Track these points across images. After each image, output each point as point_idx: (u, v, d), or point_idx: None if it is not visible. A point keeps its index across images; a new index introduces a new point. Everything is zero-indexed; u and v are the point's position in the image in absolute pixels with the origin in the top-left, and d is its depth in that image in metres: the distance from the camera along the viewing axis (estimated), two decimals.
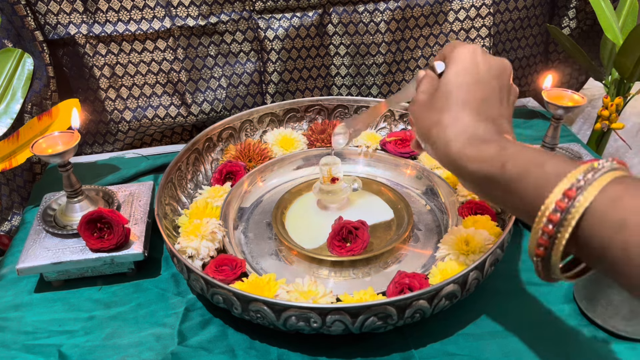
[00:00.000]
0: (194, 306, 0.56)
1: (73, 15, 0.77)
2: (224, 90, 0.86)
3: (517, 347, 0.50)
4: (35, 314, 0.56)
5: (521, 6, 0.87)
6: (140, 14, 0.78)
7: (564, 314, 0.53)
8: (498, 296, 0.55)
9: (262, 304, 0.47)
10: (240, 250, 0.61)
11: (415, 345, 0.50)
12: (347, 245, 0.58)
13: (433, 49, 0.87)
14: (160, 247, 0.64)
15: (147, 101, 0.84)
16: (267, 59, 0.84)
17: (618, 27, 0.78)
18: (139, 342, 0.52)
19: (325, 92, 0.90)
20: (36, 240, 0.59)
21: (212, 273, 0.53)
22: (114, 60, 0.80)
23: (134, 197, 0.66)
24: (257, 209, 0.68)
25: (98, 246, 0.57)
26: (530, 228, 0.34)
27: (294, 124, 0.80)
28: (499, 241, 0.52)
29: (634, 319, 0.49)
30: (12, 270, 0.62)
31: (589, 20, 0.90)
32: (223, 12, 0.81)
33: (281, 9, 0.81)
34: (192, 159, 0.71)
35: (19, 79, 0.75)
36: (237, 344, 0.51)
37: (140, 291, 0.58)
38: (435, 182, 0.68)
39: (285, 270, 0.58)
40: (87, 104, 0.83)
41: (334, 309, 0.46)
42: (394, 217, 0.64)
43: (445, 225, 0.63)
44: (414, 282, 0.51)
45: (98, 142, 0.87)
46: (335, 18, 0.83)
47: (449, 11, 0.85)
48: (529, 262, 0.60)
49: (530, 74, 0.95)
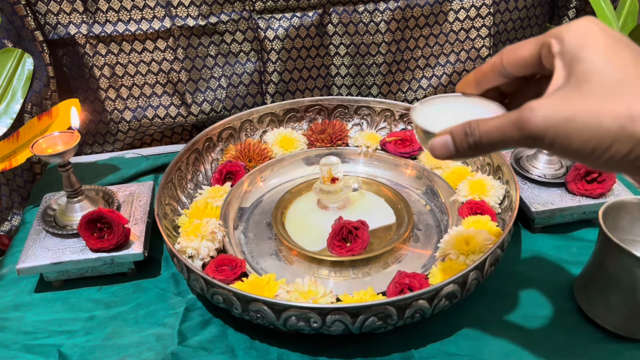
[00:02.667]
0: (194, 306, 0.56)
1: (73, 15, 0.77)
2: (224, 90, 0.86)
3: (517, 347, 0.50)
4: (35, 314, 0.56)
5: (521, 6, 0.87)
6: (140, 14, 0.78)
7: (564, 314, 0.53)
8: (498, 296, 0.55)
9: (262, 304, 0.47)
10: (240, 250, 0.61)
11: (415, 345, 0.50)
12: (347, 245, 0.58)
13: (433, 49, 0.87)
14: (160, 247, 0.64)
15: (147, 101, 0.84)
16: (267, 59, 0.84)
17: (618, 27, 0.78)
18: (139, 342, 0.52)
19: (325, 92, 0.90)
20: (36, 240, 0.59)
21: (212, 273, 0.53)
22: (114, 60, 0.80)
23: (134, 197, 0.66)
24: (257, 209, 0.68)
25: (98, 246, 0.57)
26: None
27: (294, 124, 0.80)
28: (499, 241, 0.52)
29: (634, 318, 0.49)
30: (12, 270, 0.62)
31: None
32: (223, 12, 0.81)
33: (281, 9, 0.81)
34: (192, 159, 0.71)
35: (19, 79, 0.75)
36: (237, 344, 0.52)
37: (140, 291, 0.58)
38: (436, 182, 0.68)
39: (285, 270, 0.58)
40: (87, 104, 0.83)
41: (334, 309, 0.46)
42: (393, 217, 0.64)
43: (445, 225, 0.63)
44: (414, 282, 0.51)
45: (98, 142, 0.87)
46: (335, 18, 0.83)
47: (449, 11, 0.85)
48: (529, 262, 0.60)
49: None
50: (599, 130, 0.29)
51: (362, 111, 0.79)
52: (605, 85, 0.30)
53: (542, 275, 0.58)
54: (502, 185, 0.64)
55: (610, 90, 0.29)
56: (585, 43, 0.31)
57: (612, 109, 0.29)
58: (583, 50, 0.31)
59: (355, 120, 0.80)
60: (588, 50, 0.31)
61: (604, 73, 0.30)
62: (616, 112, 0.29)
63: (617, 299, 0.49)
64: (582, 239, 0.62)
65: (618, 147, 0.29)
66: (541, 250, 0.61)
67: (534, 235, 0.63)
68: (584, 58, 0.31)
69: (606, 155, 0.30)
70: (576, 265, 0.58)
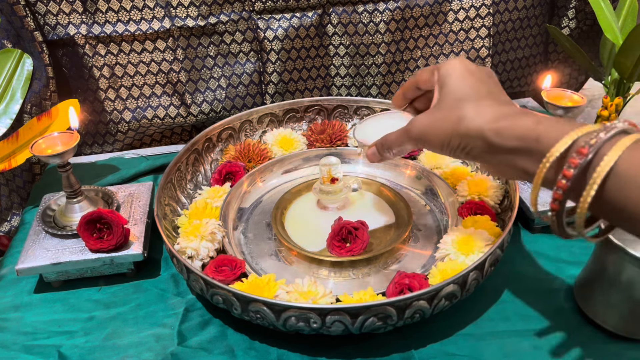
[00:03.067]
0: (194, 307, 0.56)
1: (72, 16, 0.77)
2: (224, 91, 0.86)
3: (517, 347, 0.50)
4: (34, 315, 0.56)
5: (521, 6, 0.87)
6: (139, 15, 0.78)
7: (564, 314, 0.53)
8: (498, 296, 0.55)
9: (262, 305, 0.47)
10: (240, 250, 0.61)
11: (415, 345, 0.50)
12: (346, 246, 0.57)
13: (432, 49, 0.87)
14: (160, 247, 0.64)
15: (147, 102, 0.84)
16: (267, 59, 0.84)
17: (618, 27, 0.78)
18: (139, 343, 0.52)
19: (325, 93, 0.90)
20: (35, 240, 0.59)
21: (211, 273, 0.53)
22: (113, 61, 0.80)
23: (134, 197, 0.66)
24: (256, 209, 0.68)
25: (97, 247, 0.56)
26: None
27: (294, 124, 0.80)
28: (498, 241, 0.52)
29: (634, 319, 0.49)
30: (11, 271, 0.62)
31: (588, 20, 0.90)
32: (222, 13, 0.81)
33: (281, 9, 0.81)
34: (191, 159, 0.71)
35: (18, 80, 0.75)
36: (237, 345, 0.51)
37: (139, 292, 0.58)
38: (435, 182, 0.68)
39: (285, 271, 0.58)
40: (86, 104, 0.83)
41: (333, 310, 0.46)
42: (393, 217, 0.64)
43: (445, 226, 0.63)
44: (414, 282, 0.51)
45: (97, 142, 0.87)
46: (335, 18, 0.83)
47: (448, 11, 0.85)
48: (529, 262, 0.60)
49: (529, 74, 0.95)
50: (442, 131, 0.43)
51: (361, 111, 0.80)
52: (453, 100, 0.43)
53: (542, 275, 0.58)
54: (502, 185, 0.64)
55: (456, 103, 0.43)
56: (449, 74, 0.45)
57: (450, 116, 0.43)
58: (447, 78, 0.45)
59: (355, 120, 0.80)
60: (450, 78, 0.45)
61: (456, 92, 0.44)
62: (451, 118, 0.42)
63: (617, 299, 0.49)
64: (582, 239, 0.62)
65: (454, 142, 0.43)
66: (541, 250, 0.61)
67: (534, 235, 0.63)
68: (447, 83, 0.45)
69: (450, 148, 0.43)
70: (576, 265, 0.58)
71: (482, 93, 0.43)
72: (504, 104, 0.42)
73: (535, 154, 0.37)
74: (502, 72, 0.93)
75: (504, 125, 0.39)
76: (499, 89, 0.45)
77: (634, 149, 0.32)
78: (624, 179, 0.32)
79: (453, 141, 0.43)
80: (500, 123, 0.40)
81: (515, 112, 0.40)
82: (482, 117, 0.41)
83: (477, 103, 0.42)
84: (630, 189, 0.32)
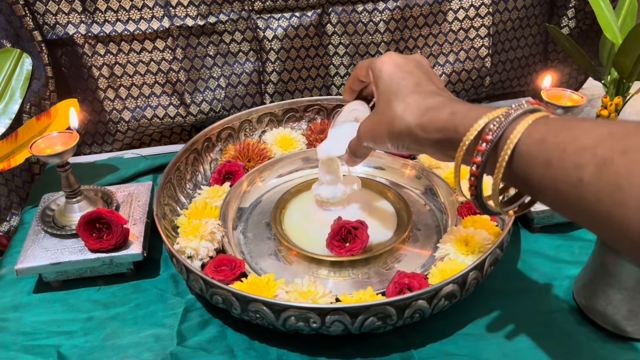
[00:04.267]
0: (193, 306, 0.56)
1: (71, 15, 0.77)
2: (223, 91, 0.86)
3: (517, 347, 0.50)
4: (34, 315, 0.56)
5: (520, 6, 0.87)
6: (138, 14, 0.78)
7: (564, 314, 0.53)
8: (498, 296, 0.55)
9: (262, 305, 0.47)
10: (240, 250, 0.61)
11: (414, 345, 0.50)
12: (346, 246, 0.57)
13: (432, 49, 0.87)
14: (159, 247, 0.64)
15: (146, 101, 0.84)
16: (266, 59, 0.84)
17: (617, 26, 0.78)
18: (138, 343, 0.52)
19: (325, 92, 0.90)
20: (35, 240, 0.59)
21: (211, 273, 0.53)
22: (112, 61, 0.80)
23: (133, 197, 0.66)
24: (256, 209, 0.68)
25: (97, 246, 0.56)
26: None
27: (293, 124, 0.80)
28: (498, 241, 0.52)
29: (634, 318, 0.49)
30: (10, 271, 0.61)
31: (588, 20, 0.90)
32: (222, 12, 0.81)
33: (280, 8, 0.81)
34: (191, 159, 0.71)
35: (17, 79, 0.75)
36: (237, 345, 0.51)
37: (139, 292, 0.58)
38: (435, 182, 0.68)
39: (285, 271, 0.58)
40: (85, 104, 0.83)
41: (333, 309, 0.46)
42: (393, 217, 0.63)
43: (445, 226, 0.63)
44: (414, 282, 0.51)
45: (97, 142, 0.87)
46: (335, 18, 0.83)
47: (448, 11, 0.85)
48: (529, 262, 0.60)
49: (529, 74, 0.95)
50: (382, 134, 0.46)
51: None
52: (385, 101, 0.46)
53: (542, 275, 0.58)
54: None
55: (387, 104, 0.45)
56: (380, 72, 0.47)
57: (384, 119, 0.45)
58: (379, 79, 0.47)
59: None
60: (381, 78, 0.47)
61: (386, 91, 0.46)
62: (385, 120, 0.45)
63: (617, 299, 0.49)
64: (581, 238, 0.62)
65: (394, 142, 0.45)
66: (541, 250, 0.61)
67: (534, 235, 0.63)
68: (379, 84, 0.47)
69: (393, 147, 0.46)
70: (576, 265, 0.58)
71: (410, 87, 0.45)
72: (429, 96, 0.44)
73: (456, 142, 0.40)
74: (502, 71, 0.93)
75: (426, 120, 0.42)
76: (427, 78, 0.46)
77: (532, 128, 0.35)
78: (526, 156, 0.35)
79: (392, 141, 0.45)
80: (423, 118, 0.42)
81: (436, 104, 0.42)
82: (409, 114, 0.43)
83: (404, 100, 0.44)
84: (530, 166, 0.34)
